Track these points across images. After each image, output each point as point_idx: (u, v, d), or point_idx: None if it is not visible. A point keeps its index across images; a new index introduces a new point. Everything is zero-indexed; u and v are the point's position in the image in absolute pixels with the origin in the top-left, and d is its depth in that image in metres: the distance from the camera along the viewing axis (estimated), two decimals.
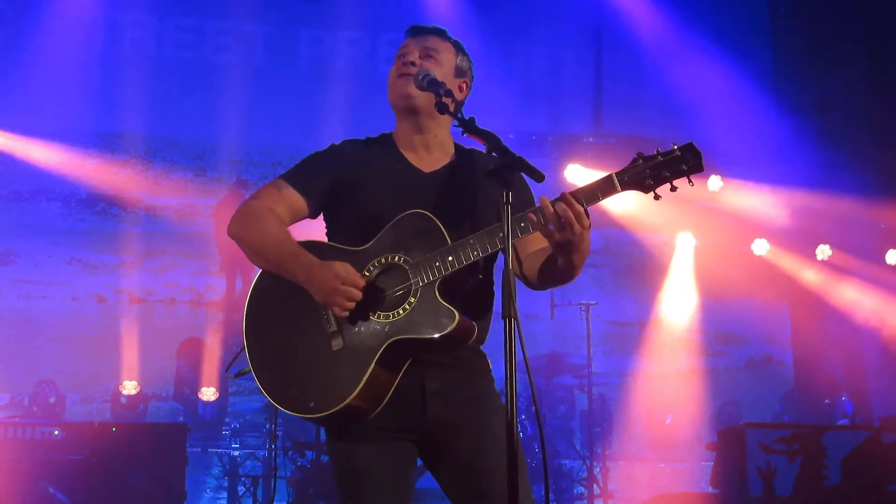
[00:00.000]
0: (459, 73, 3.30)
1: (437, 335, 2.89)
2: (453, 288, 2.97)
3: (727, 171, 10.73)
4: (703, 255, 11.34)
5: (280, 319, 3.09)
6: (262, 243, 3.13)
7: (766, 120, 11.34)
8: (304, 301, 3.03)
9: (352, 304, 2.94)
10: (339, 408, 2.91)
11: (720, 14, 11.51)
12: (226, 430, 9.54)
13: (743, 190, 10.96)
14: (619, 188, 2.87)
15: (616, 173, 2.88)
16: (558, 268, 2.99)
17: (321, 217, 3.31)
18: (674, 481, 9.37)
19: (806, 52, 11.31)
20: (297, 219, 3.23)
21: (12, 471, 6.69)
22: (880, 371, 10.56)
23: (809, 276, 10.95)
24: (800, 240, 11.01)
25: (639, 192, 2.88)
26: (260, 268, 3.18)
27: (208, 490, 9.23)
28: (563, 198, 2.85)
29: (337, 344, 2.98)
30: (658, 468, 9.60)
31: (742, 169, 10.88)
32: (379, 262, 3.02)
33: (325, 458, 7.29)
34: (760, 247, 10.85)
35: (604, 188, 2.87)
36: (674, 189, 2.87)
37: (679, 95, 11.09)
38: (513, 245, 3.02)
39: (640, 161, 2.87)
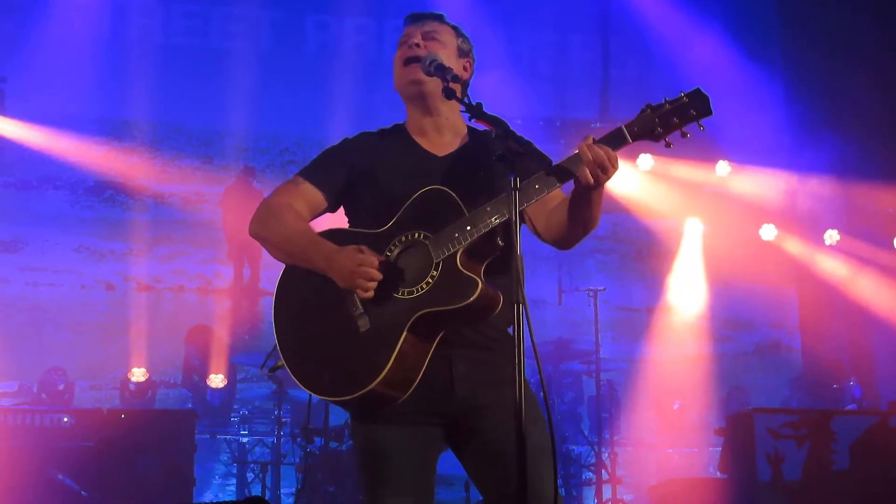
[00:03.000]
0: (462, 53, 3.35)
1: (461, 304, 2.88)
2: (476, 258, 2.98)
3: (735, 157, 10.70)
4: (711, 240, 11.30)
5: (307, 309, 3.11)
6: (281, 237, 3.17)
7: (773, 104, 11.29)
8: (330, 288, 3.04)
9: (373, 285, 2.95)
10: (370, 387, 2.90)
11: None
12: (234, 417, 9.56)
13: (751, 175, 10.92)
14: (629, 139, 2.86)
15: (625, 125, 2.88)
16: (580, 216, 3.00)
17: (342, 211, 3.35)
18: (682, 467, 9.37)
19: (816, 35, 11.23)
20: (316, 213, 3.28)
21: (21, 457, 6.73)
22: (888, 356, 10.53)
23: (817, 261, 10.92)
24: (808, 225, 10.98)
25: (649, 140, 2.88)
26: (283, 263, 3.21)
27: (217, 477, 9.27)
28: (595, 143, 2.85)
29: (363, 325, 2.98)
30: (666, 454, 9.60)
31: (750, 154, 10.84)
32: (400, 240, 3.04)
33: (333, 445, 7.30)
34: (768, 232, 10.80)
35: (615, 141, 2.87)
36: (684, 135, 2.86)
37: (686, 79, 10.93)
38: (533, 207, 3.01)
39: (649, 111, 2.87)
